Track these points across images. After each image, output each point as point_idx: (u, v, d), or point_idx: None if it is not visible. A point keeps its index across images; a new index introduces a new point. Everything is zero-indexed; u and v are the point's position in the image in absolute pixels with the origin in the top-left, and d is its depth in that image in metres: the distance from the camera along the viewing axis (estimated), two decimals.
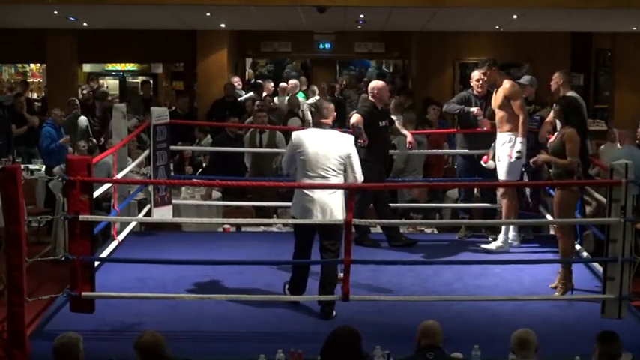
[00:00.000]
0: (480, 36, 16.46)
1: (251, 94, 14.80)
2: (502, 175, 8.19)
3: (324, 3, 11.31)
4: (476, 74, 8.70)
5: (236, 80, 15.62)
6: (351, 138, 6.71)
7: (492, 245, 8.30)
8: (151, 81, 17.77)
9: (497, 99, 8.21)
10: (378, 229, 8.84)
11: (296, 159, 6.57)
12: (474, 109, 8.58)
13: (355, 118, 8.43)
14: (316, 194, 6.44)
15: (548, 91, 10.06)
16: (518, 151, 8.04)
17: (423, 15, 12.78)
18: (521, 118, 8.01)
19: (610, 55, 17.11)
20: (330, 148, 6.50)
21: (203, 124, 12.93)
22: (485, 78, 8.42)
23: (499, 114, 8.20)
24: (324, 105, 6.82)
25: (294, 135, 6.69)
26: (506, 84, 8.11)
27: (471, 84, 8.78)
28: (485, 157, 8.51)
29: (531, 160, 7.75)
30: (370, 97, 8.60)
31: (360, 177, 6.57)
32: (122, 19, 14.08)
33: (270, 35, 17.84)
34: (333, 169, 6.48)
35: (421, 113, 12.30)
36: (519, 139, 8.04)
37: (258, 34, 17.86)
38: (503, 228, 8.34)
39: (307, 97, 15.95)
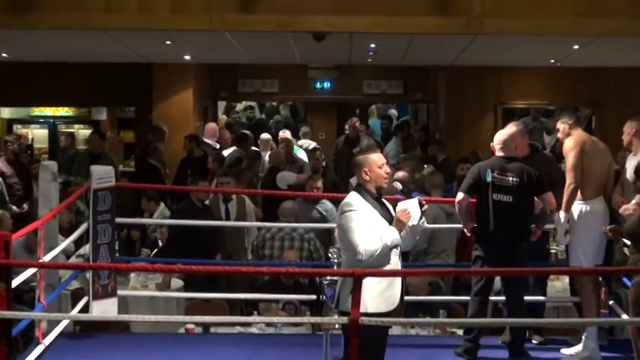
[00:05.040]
0: (531, 72, 16.61)
1: (234, 148, 14.81)
2: (577, 255, 8.21)
3: (322, 28, 11.42)
4: None
5: (212, 128, 15.64)
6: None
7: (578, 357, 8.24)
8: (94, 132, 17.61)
9: None
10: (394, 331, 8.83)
11: None
12: None
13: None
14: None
15: (621, 146, 10.16)
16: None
17: (455, 44, 12.91)
18: (566, 184, 8.13)
19: None
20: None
21: (149, 188, 12.74)
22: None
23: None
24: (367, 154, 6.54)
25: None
26: (568, 142, 8.25)
27: None
28: None
29: (606, 228, 7.75)
30: (505, 154, 8.32)
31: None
32: (54, 49, 14.21)
33: (250, 71, 17.96)
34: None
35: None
36: (561, 214, 8.12)
37: (234, 70, 17.98)
38: (586, 331, 8.30)
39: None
